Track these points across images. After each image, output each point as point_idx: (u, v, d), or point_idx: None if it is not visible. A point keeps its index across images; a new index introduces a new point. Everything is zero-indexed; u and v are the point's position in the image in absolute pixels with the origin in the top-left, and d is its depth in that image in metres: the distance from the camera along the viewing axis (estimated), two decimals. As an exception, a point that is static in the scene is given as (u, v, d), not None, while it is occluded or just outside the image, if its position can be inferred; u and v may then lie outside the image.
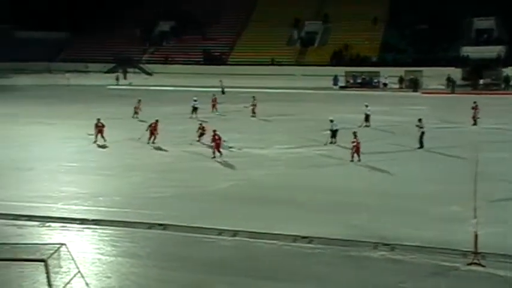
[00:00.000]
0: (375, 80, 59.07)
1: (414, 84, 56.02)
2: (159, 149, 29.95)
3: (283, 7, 70.84)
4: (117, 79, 61.81)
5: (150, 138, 30.77)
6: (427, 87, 55.51)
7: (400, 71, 58.04)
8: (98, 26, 74.04)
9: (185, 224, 18.77)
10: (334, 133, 30.55)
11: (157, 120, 31.41)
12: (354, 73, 60.44)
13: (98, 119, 31.16)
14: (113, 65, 69.66)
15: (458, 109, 41.91)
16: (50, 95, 52.32)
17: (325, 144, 29.90)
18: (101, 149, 30.20)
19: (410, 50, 60.49)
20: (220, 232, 18.17)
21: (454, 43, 59.17)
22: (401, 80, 57.71)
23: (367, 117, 35.77)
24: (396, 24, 64.80)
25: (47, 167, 26.47)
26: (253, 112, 39.58)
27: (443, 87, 54.95)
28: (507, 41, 57.83)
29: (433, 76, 55.49)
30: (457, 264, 15.66)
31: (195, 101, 39.55)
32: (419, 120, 29.76)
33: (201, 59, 68.93)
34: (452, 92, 52.96)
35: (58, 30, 74.99)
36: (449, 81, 54.86)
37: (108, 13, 75.65)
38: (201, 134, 30.97)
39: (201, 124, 32.07)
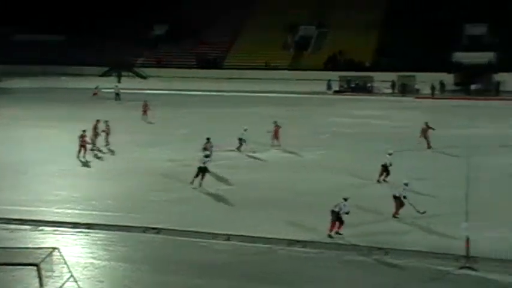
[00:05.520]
0: (368, 85, 59.40)
1: (405, 89, 56.51)
2: (158, 153, 29.90)
3: (278, 11, 70.96)
4: None
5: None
6: (420, 92, 55.72)
7: (393, 75, 58.26)
8: (94, 29, 73.97)
9: (179, 228, 18.78)
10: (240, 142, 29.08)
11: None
12: (348, 78, 60.67)
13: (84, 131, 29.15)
14: (107, 68, 69.60)
15: (446, 113, 42.08)
16: (46, 97, 52.20)
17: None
18: (97, 153, 30.10)
19: (404, 55, 60.68)
20: (214, 236, 18.19)
21: (447, 49, 59.38)
22: (396, 85, 57.98)
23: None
24: (390, 30, 65.02)
25: (42, 170, 26.40)
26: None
27: (437, 92, 55.31)
28: (498, 47, 58.15)
29: (426, 81, 55.68)
30: (450, 269, 15.75)
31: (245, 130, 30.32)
32: (208, 139, 27.29)
33: (195, 63, 69.02)
34: (433, 97, 53.36)
35: (55, 33, 74.91)
36: (441, 85, 55.39)
37: (104, 17, 75.63)
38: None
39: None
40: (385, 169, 24.18)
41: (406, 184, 19.84)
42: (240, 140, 30.01)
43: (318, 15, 70.72)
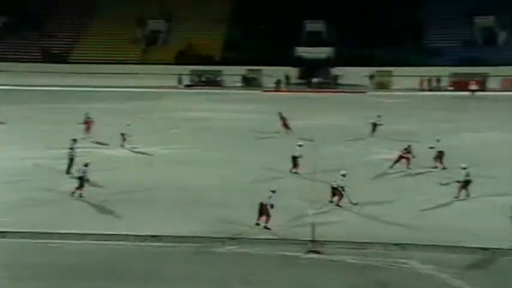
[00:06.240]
0: (219, 79, 60.75)
1: (248, 83, 58.86)
2: (5, 152, 28.26)
3: (125, 5, 69.55)
4: None
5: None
6: (268, 86, 57.95)
7: (242, 69, 60.07)
8: None
9: (27, 230, 18.07)
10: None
11: None
12: (198, 72, 61.50)
13: None
14: None
15: (292, 105, 44.26)
16: None
17: None
18: None
19: (251, 49, 62.57)
20: (66, 236, 17.75)
21: (290, 44, 62.22)
22: (244, 79, 59.85)
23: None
24: (238, 24, 66.58)
25: None
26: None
27: (283, 85, 57.88)
28: (335, 43, 62.20)
29: (273, 75, 58.06)
30: (298, 254, 16.82)
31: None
32: (74, 140, 25.89)
33: (39, 57, 65.62)
34: (279, 90, 56.07)
35: None
36: (287, 78, 58.34)
37: None
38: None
39: None
40: (295, 161, 25.14)
41: (343, 175, 20.80)
42: (123, 135, 29.81)
43: (167, 9, 70.41)
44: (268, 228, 18.53)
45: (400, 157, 25.63)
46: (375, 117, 33.19)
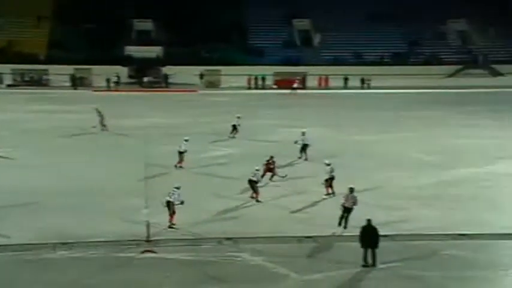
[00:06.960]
0: (44, 78, 58.07)
1: (77, 82, 57.04)
2: None
3: None
4: None
5: None
6: (98, 85, 56.53)
7: (70, 69, 57.92)
8: None
9: None
10: None
11: None
12: (21, 71, 58.22)
13: None
14: None
15: (123, 104, 43.82)
16: None
17: None
18: None
19: (78, 48, 60.60)
20: None
21: (118, 43, 61.29)
22: (72, 78, 57.66)
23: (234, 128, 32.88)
24: (62, 22, 64.01)
25: None
26: None
27: (113, 84, 56.67)
28: (164, 42, 62.54)
29: (102, 74, 56.72)
30: (133, 254, 16.89)
31: None
32: None
33: None
34: (109, 89, 55.18)
35: None
36: (117, 77, 57.26)
37: None
38: None
39: None
40: (181, 156, 25.55)
41: (257, 170, 21.63)
42: None
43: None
44: (173, 227, 18.50)
45: (266, 169, 24.01)
46: (231, 117, 33.30)
